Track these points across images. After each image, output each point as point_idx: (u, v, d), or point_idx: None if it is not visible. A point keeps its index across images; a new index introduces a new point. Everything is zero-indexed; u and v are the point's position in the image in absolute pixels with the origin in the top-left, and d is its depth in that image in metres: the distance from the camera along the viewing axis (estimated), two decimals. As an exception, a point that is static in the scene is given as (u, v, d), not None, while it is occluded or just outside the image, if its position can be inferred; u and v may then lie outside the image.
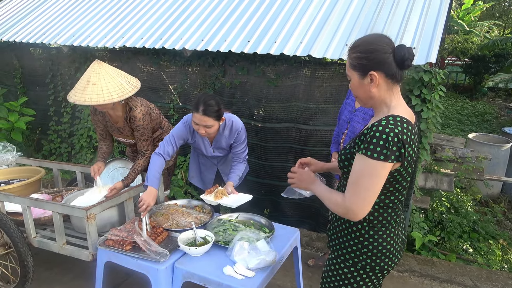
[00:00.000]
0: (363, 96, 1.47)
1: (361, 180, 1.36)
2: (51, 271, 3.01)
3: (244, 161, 2.78)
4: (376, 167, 1.33)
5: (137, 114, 2.69)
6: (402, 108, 1.43)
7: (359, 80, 1.44)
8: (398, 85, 1.44)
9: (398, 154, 1.32)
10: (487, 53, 12.06)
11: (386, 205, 1.47)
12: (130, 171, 2.74)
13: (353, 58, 1.44)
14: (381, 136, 1.32)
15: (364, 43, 1.42)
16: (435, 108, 3.27)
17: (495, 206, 4.96)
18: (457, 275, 3.16)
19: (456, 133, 8.41)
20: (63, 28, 4.56)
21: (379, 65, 1.38)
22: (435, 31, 3.10)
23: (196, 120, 2.42)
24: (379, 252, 1.49)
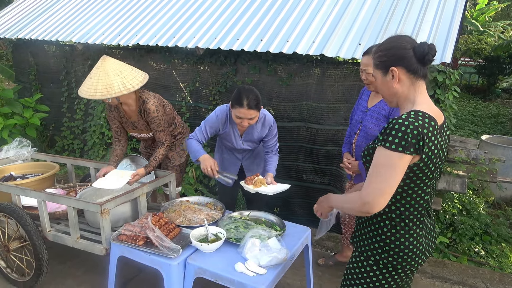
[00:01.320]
0: (387, 93, 1.50)
1: (378, 171, 1.36)
2: (65, 264, 3.06)
3: (277, 153, 2.86)
4: (393, 158, 1.33)
5: (151, 106, 2.74)
6: (427, 106, 1.43)
7: (382, 78, 1.48)
8: (422, 81, 1.45)
9: (417, 147, 1.32)
10: (501, 54, 11.89)
11: (408, 203, 1.46)
12: (152, 159, 2.81)
13: (376, 58, 1.50)
14: (400, 128, 1.33)
15: (385, 43, 1.49)
16: (448, 108, 3.24)
17: (508, 208, 4.89)
18: (469, 277, 3.13)
19: (469, 134, 8.30)
20: (78, 26, 4.63)
21: (398, 60, 1.42)
22: (450, 31, 3.07)
23: (241, 114, 2.47)
24: (401, 251, 1.48)
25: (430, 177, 1.44)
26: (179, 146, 3.13)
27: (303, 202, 4.02)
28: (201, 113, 4.40)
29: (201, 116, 4.40)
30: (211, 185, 4.37)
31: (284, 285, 2.89)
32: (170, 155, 3.12)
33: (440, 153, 1.42)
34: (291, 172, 3.98)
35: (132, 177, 2.69)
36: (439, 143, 1.41)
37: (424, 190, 1.46)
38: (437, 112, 1.46)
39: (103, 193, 2.78)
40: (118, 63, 2.69)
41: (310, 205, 3.95)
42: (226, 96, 4.17)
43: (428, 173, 1.42)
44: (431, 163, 1.40)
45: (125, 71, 2.65)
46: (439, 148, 1.41)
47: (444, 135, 1.46)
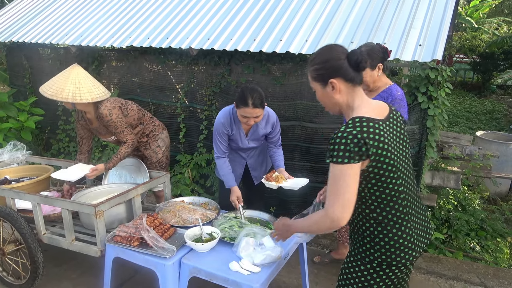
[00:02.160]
0: (329, 104, 1.56)
1: (335, 187, 1.41)
2: (60, 267, 3.06)
3: (281, 146, 2.94)
4: (343, 170, 1.39)
5: (103, 110, 2.80)
6: (366, 106, 1.49)
7: (322, 90, 1.53)
8: (359, 86, 1.51)
9: (362, 152, 1.38)
10: (495, 50, 11.93)
11: (385, 200, 1.49)
12: (113, 156, 2.90)
13: (312, 71, 1.54)
14: (341, 141, 1.39)
15: (319, 55, 1.53)
16: (441, 105, 3.26)
17: (503, 204, 4.92)
18: (463, 272, 3.15)
19: (464, 131, 8.34)
20: (71, 28, 4.62)
21: (336, 71, 1.47)
22: (441, 28, 3.09)
23: (247, 113, 2.52)
24: (392, 247, 1.50)
25: (394, 171, 1.46)
26: (153, 144, 3.14)
27: (299, 200, 4.03)
28: (196, 113, 4.41)
29: (196, 116, 4.41)
30: (208, 185, 4.38)
31: (280, 283, 2.90)
32: (146, 153, 3.16)
33: (392, 145, 1.45)
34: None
35: (91, 171, 2.82)
36: (387, 137, 1.44)
37: (394, 183, 1.48)
38: (378, 107, 1.52)
39: (98, 195, 2.79)
40: (84, 75, 2.83)
41: (305, 204, 3.97)
42: (221, 97, 4.18)
43: (388, 167, 1.45)
44: (385, 158, 1.43)
45: (84, 83, 2.77)
46: (389, 141, 1.44)
47: (394, 123, 1.52)
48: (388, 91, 2.41)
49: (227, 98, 4.09)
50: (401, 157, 1.50)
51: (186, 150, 4.58)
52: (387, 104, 1.60)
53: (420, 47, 2.98)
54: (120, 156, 2.88)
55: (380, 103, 1.57)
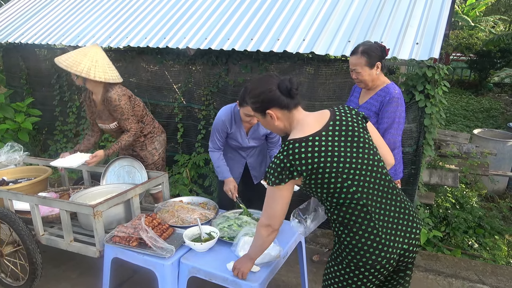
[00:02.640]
0: (273, 129, 1.70)
1: (268, 203, 1.61)
2: (59, 268, 3.05)
3: (280, 146, 2.92)
4: (276, 191, 1.57)
5: (112, 94, 2.83)
6: (303, 125, 1.57)
7: (263, 119, 1.68)
8: (295, 109, 1.61)
9: (292, 174, 1.51)
10: (492, 49, 11.96)
11: (339, 204, 1.54)
12: (114, 143, 2.92)
13: (251, 104, 1.68)
14: (272, 166, 1.55)
15: (253, 89, 1.66)
16: (438, 103, 3.27)
17: (501, 201, 4.94)
18: (461, 270, 3.16)
19: (462, 129, 8.36)
20: (68, 29, 4.61)
21: (269, 103, 1.59)
22: (438, 27, 3.09)
23: (250, 112, 2.50)
24: (357, 247, 1.51)
25: (335, 177, 1.50)
26: (150, 145, 3.14)
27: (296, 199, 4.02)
28: (194, 113, 4.40)
29: (194, 116, 4.41)
30: (206, 185, 4.38)
31: (279, 282, 2.90)
32: (142, 154, 3.15)
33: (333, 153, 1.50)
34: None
35: (91, 158, 2.84)
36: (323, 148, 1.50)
37: (344, 190, 1.51)
38: (315, 119, 1.59)
39: (96, 196, 2.78)
40: (102, 55, 2.88)
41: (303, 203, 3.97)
42: (219, 96, 4.18)
43: (327, 176, 1.50)
44: (321, 170, 1.49)
45: (101, 63, 2.83)
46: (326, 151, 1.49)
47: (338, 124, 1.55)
48: (385, 90, 2.41)
49: (225, 98, 4.09)
50: (353, 159, 1.51)
51: (184, 150, 4.58)
52: (333, 110, 1.62)
53: (417, 46, 2.99)
54: (121, 144, 2.90)
55: (320, 115, 1.60)
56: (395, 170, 2.63)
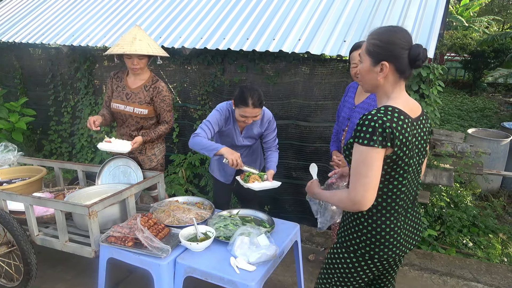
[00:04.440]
0: (369, 82, 1.52)
1: (358, 169, 1.41)
2: (54, 268, 3.03)
3: (277, 149, 2.92)
4: (367, 153, 1.38)
5: (164, 86, 2.91)
6: (402, 101, 1.47)
7: (370, 66, 1.49)
8: (404, 81, 1.49)
9: (388, 140, 1.37)
10: (486, 49, 12.07)
11: (385, 194, 1.50)
12: (151, 131, 2.93)
13: (371, 44, 1.47)
14: (369, 124, 1.38)
15: (387, 33, 1.46)
16: (433, 103, 3.29)
17: (495, 200, 4.98)
18: (456, 268, 3.19)
19: (456, 128, 8.42)
20: (62, 28, 4.58)
21: (392, 57, 1.43)
22: (433, 27, 3.11)
23: (247, 113, 2.54)
24: (377, 241, 1.52)
25: (405, 169, 1.46)
26: (150, 151, 3.08)
27: (293, 199, 4.05)
28: (190, 113, 4.40)
29: (189, 116, 4.40)
30: (202, 184, 4.37)
31: (275, 281, 2.90)
32: (140, 158, 3.09)
33: (413, 145, 1.45)
34: (281, 170, 3.99)
35: (133, 144, 2.81)
36: (413, 136, 1.44)
37: (400, 181, 1.49)
38: (413, 105, 1.51)
39: (91, 196, 2.77)
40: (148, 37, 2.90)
41: (300, 202, 3.99)
42: (214, 96, 4.17)
43: (402, 164, 1.45)
44: (404, 155, 1.43)
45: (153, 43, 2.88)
46: (412, 140, 1.44)
47: (421, 127, 1.50)
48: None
49: (221, 98, 4.09)
50: (415, 160, 1.50)
51: (180, 150, 4.57)
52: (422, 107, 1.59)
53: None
54: (158, 133, 2.94)
55: (416, 103, 1.55)
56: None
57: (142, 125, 2.97)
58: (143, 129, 2.99)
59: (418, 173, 1.56)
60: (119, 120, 3.03)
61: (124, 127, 3.02)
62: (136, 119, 2.94)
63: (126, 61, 2.80)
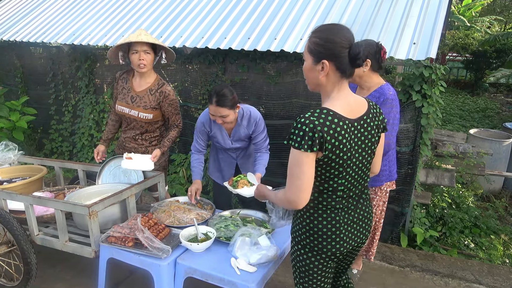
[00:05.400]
0: (312, 80, 1.54)
1: (291, 170, 1.46)
2: (54, 268, 3.03)
3: (267, 151, 2.85)
4: (299, 156, 1.42)
5: (170, 90, 2.87)
6: (341, 101, 1.49)
7: (311, 65, 1.50)
8: (346, 80, 1.50)
9: (314, 145, 1.39)
10: (488, 49, 12.03)
11: (322, 192, 1.55)
12: (165, 140, 2.92)
13: (312, 42, 1.48)
14: (301, 127, 1.40)
15: (327, 31, 1.47)
16: (435, 103, 3.27)
17: (497, 201, 4.95)
18: (458, 270, 3.17)
19: (458, 129, 8.39)
20: (63, 27, 4.57)
21: (332, 56, 1.44)
22: (435, 26, 3.09)
23: (212, 111, 2.53)
24: (319, 236, 1.56)
25: (340, 170, 1.50)
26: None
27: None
28: (191, 112, 4.39)
29: (190, 116, 4.39)
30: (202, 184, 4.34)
31: (276, 282, 2.89)
32: None
33: (351, 147, 1.48)
34: (282, 170, 3.98)
35: (153, 159, 2.81)
36: (351, 137, 1.47)
37: (336, 181, 1.53)
38: (355, 105, 1.52)
39: (91, 195, 2.76)
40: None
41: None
42: (215, 95, 4.15)
43: (336, 166, 1.48)
44: (337, 158, 1.46)
45: None
46: (348, 142, 1.46)
47: (365, 126, 1.53)
48: (380, 91, 2.39)
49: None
50: (357, 159, 1.53)
51: (181, 149, 4.56)
52: (370, 104, 1.59)
53: (414, 46, 2.99)
54: (172, 140, 2.95)
55: (360, 102, 1.56)
56: (390, 171, 2.61)
57: (147, 129, 2.94)
58: (148, 133, 2.97)
59: (363, 172, 1.59)
60: (124, 122, 3.01)
61: (129, 130, 2.99)
62: (140, 123, 2.91)
63: (133, 59, 2.71)
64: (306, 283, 1.67)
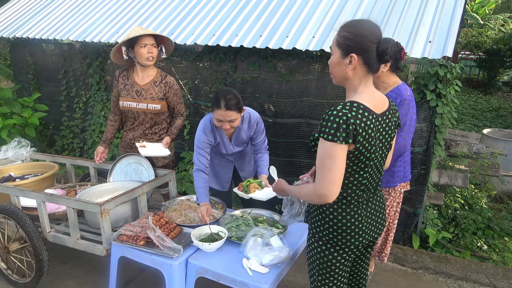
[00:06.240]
0: (338, 74, 1.55)
1: (323, 163, 1.46)
2: (65, 265, 3.04)
3: (267, 151, 2.80)
4: (332, 148, 1.42)
5: (173, 80, 2.92)
6: (368, 96, 1.52)
7: (339, 58, 1.52)
8: (371, 75, 1.53)
9: (351, 136, 1.41)
10: (502, 47, 11.81)
11: (347, 186, 1.56)
12: (173, 128, 2.99)
13: (341, 36, 1.50)
14: (334, 120, 1.42)
15: (356, 26, 1.50)
16: (450, 103, 3.21)
17: (511, 202, 4.86)
18: (472, 273, 3.11)
19: (470, 128, 8.27)
20: (75, 24, 4.59)
21: (361, 50, 1.46)
22: (452, 25, 3.03)
23: (220, 116, 2.39)
24: (343, 231, 1.57)
25: (366, 163, 1.53)
26: None
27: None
28: (201, 110, 4.37)
29: (200, 113, 4.38)
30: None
31: (287, 283, 2.87)
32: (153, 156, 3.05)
33: (376, 140, 1.51)
34: (293, 169, 3.96)
35: (165, 145, 2.87)
36: (377, 131, 1.50)
37: (361, 174, 1.55)
38: (379, 100, 1.56)
39: (103, 193, 2.76)
40: None
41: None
42: (226, 93, 4.13)
43: (363, 159, 1.51)
44: (366, 151, 1.48)
45: None
46: (375, 136, 1.49)
47: (387, 121, 1.57)
48: (396, 91, 2.35)
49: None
50: (378, 154, 1.56)
51: (191, 147, 4.55)
52: (389, 100, 1.63)
53: (429, 44, 2.93)
54: (178, 129, 3.01)
55: (383, 98, 1.60)
56: (404, 172, 2.57)
57: (156, 121, 2.96)
58: (156, 125, 2.97)
59: (381, 165, 1.63)
60: (130, 119, 2.98)
61: (138, 126, 2.97)
62: (150, 115, 2.91)
63: (142, 52, 2.72)
64: (327, 279, 1.67)
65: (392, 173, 2.50)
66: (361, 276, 1.89)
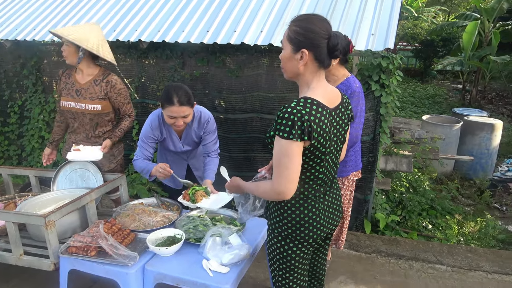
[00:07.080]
0: (290, 69, 1.55)
1: (279, 161, 1.46)
2: (8, 284, 2.81)
3: (217, 155, 2.72)
4: (288, 146, 1.43)
5: (117, 79, 2.78)
6: (321, 91, 1.53)
7: (290, 53, 1.51)
8: (323, 70, 1.54)
9: (304, 134, 1.41)
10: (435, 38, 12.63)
11: (304, 181, 1.57)
12: (117, 130, 2.85)
13: (292, 31, 1.50)
14: (289, 117, 1.41)
15: (307, 21, 1.49)
16: (393, 92, 3.37)
17: (450, 183, 5.24)
18: (420, 252, 3.31)
19: (410, 115, 8.78)
20: (4, 21, 4.21)
21: (312, 46, 1.46)
22: (391, 18, 3.16)
23: (173, 113, 2.32)
24: (301, 226, 1.59)
25: (322, 158, 1.54)
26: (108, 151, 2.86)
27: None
28: (149, 109, 4.22)
29: (149, 112, 4.18)
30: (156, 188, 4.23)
31: (248, 278, 2.87)
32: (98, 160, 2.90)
33: (330, 135, 1.52)
34: (247, 164, 3.95)
35: (103, 150, 2.72)
36: (331, 126, 1.51)
37: (317, 169, 1.57)
38: (332, 95, 1.57)
39: (46, 203, 2.57)
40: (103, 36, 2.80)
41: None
42: (175, 91, 4.02)
43: (319, 154, 1.52)
44: (321, 146, 1.50)
45: (105, 42, 2.77)
46: (329, 130, 1.51)
47: (340, 115, 1.59)
48: (346, 83, 2.41)
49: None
50: (333, 148, 1.58)
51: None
52: (342, 94, 1.65)
53: (372, 36, 3.04)
54: (124, 130, 2.87)
55: (335, 92, 1.61)
56: (355, 161, 2.66)
57: (97, 122, 2.81)
58: (99, 128, 2.82)
59: (336, 159, 1.66)
60: (71, 121, 2.83)
61: (79, 128, 2.82)
62: (89, 116, 2.76)
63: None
64: (288, 273, 1.68)
65: (344, 163, 2.58)
66: (320, 267, 1.94)
